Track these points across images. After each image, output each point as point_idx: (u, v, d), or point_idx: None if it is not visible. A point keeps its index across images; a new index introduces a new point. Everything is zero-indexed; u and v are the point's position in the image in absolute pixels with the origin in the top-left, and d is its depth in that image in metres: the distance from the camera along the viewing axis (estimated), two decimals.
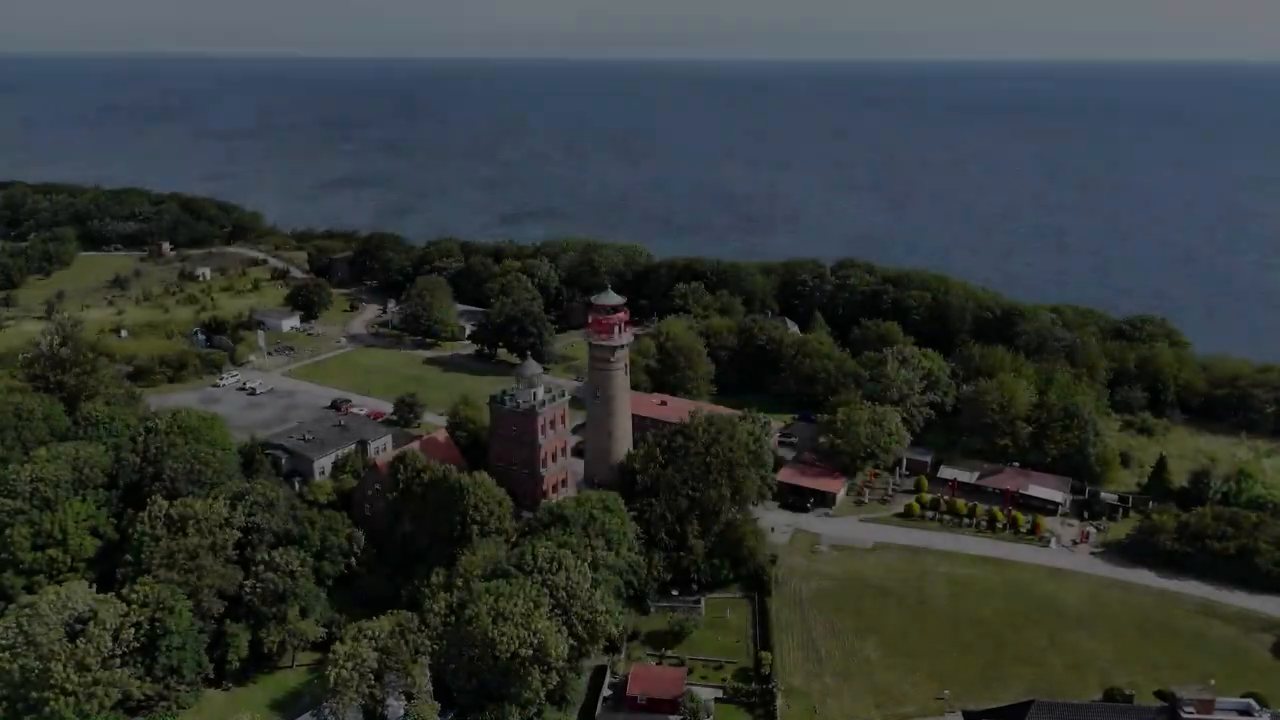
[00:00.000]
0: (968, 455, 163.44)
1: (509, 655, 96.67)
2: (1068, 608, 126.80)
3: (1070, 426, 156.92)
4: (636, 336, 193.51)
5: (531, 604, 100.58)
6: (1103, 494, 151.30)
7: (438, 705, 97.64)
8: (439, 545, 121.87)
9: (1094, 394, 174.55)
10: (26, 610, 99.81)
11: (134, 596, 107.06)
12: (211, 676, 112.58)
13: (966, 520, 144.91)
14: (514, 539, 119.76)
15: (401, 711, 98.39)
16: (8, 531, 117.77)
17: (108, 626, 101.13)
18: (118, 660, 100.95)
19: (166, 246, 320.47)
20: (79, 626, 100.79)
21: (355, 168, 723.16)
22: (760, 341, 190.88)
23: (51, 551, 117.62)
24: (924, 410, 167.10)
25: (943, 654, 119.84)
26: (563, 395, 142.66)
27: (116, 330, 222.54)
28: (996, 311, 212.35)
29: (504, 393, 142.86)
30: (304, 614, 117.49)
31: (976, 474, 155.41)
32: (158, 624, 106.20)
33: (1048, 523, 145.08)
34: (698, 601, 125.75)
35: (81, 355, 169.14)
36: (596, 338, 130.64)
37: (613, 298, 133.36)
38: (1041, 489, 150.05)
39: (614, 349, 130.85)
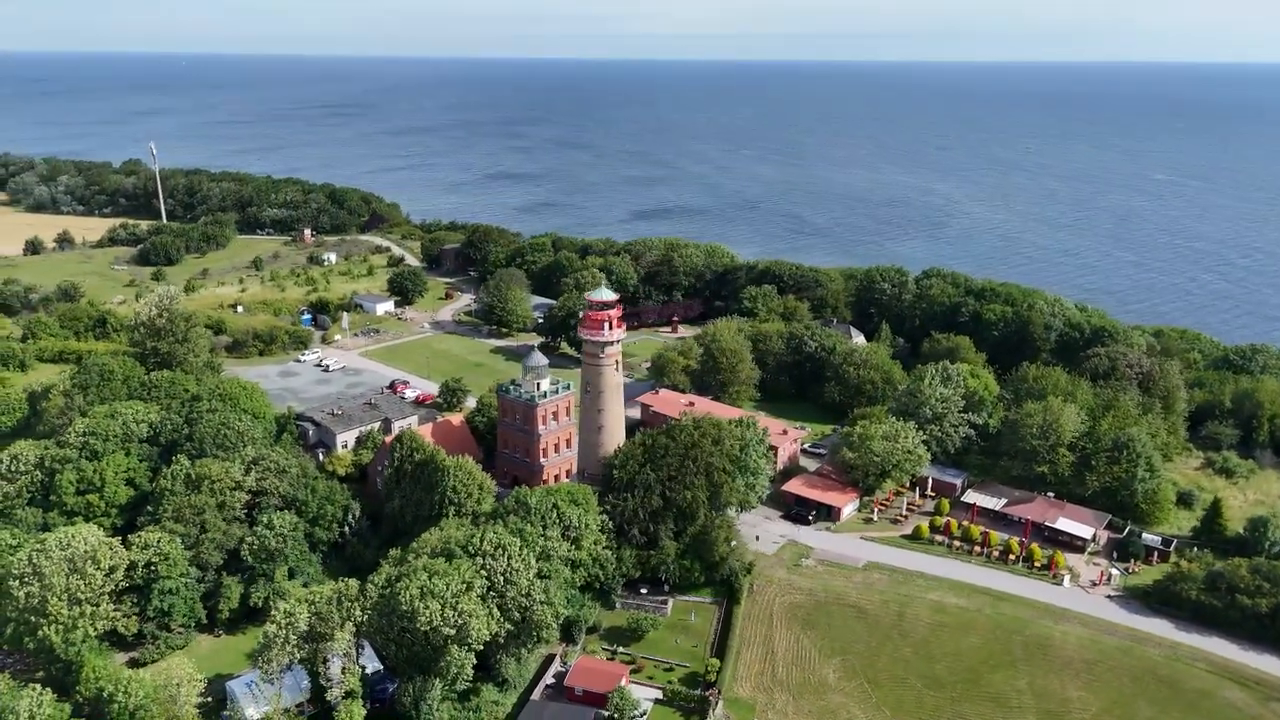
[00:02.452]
0: (1006, 481, 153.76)
1: (430, 630, 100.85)
2: (1060, 652, 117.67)
3: (1119, 459, 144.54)
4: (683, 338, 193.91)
5: (464, 585, 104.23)
6: (1144, 535, 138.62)
7: (359, 670, 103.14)
8: (420, 521, 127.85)
9: (1164, 426, 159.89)
10: (38, 546, 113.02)
11: (136, 543, 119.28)
12: (205, 623, 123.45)
13: (979, 548, 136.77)
14: (479, 522, 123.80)
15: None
16: (57, 477, 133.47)
17: (102, 566, 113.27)
18: (106, 597, 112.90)
19: (308, 232, 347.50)
20: (79, 564, 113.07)
21: (521, 164, 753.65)
22: (809, 349, 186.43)
23: (90, 497, 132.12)
24: (962, 430, 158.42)
25: (906, 684, 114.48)
26: (567, 388, 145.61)
27: (234, 306, 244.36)
28: (1085, 330, 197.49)
29: (513, 382, 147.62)
30: (292, 575, 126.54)
31: (1003, 501, 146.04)
32: (152, 570, 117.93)
33: (1070, 560, 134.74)
34: (664, 602, 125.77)
35: (176, 326, 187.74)
36: (588, 333, 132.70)
37: (606, 294, 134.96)
38: (1071, 523, 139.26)
39: (604, 344, 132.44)
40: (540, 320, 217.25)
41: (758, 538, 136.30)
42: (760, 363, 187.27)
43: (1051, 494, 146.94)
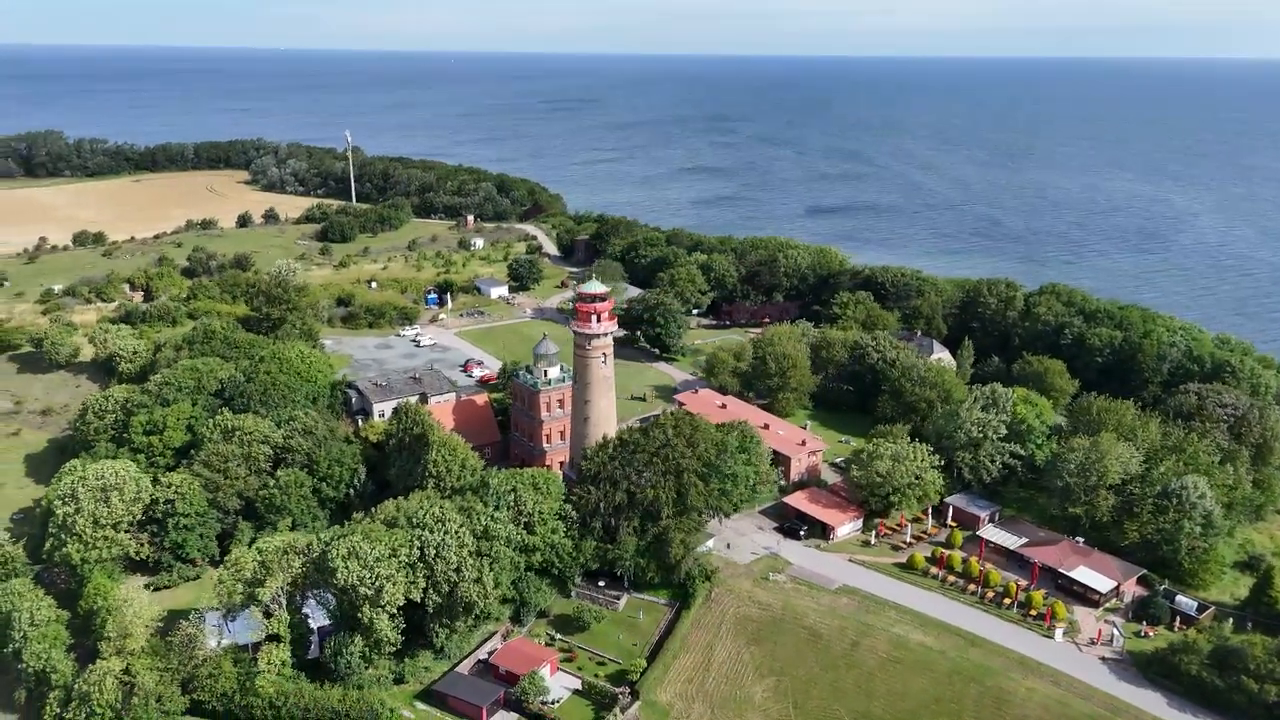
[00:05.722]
0: (1042, 520, 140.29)
1: (350, 588, 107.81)
2: (1018, 709, 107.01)
3: (1166, 509, 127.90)
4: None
5: (389, 551, 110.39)
6: (1179, 597, 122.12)
7: (286, 617, 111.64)
8: (408, 491, 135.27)
9: (1250, 478, 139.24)
10: (80, 474, 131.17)
11: (163, 481, 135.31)
12: (219, 559, 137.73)
13: (973, 586, 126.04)
14: (451, 496, 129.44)
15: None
16: (132, 419, 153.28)
17: (125, 497, 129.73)
18: (125, 525, 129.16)
19: (470, 218, 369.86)
20: (108, 493, 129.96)
21: (719, 159, 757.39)
22: (872, 360, 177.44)
23: (152, 438, 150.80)
24: (1001, 460, 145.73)
25: (834, 717, 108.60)
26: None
27: (369, 282, 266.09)
28: (1205, 364, 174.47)
29: (526, 367, 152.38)
30: (295, 526, 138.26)
31: (1023, 540, 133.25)
32: (171, 507, 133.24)
33: (1079, 613, 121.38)
34: (618, 597, 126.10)
35: (288, 295, 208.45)
36: (577, 325, 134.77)
37: (596, 287, 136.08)
38: (1090, 573, 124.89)
39: (591, 337, 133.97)
40: (621, 312, 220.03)
41: (729, 545, 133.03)
42: (821, 371, 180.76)
43: (1081, 539, 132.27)
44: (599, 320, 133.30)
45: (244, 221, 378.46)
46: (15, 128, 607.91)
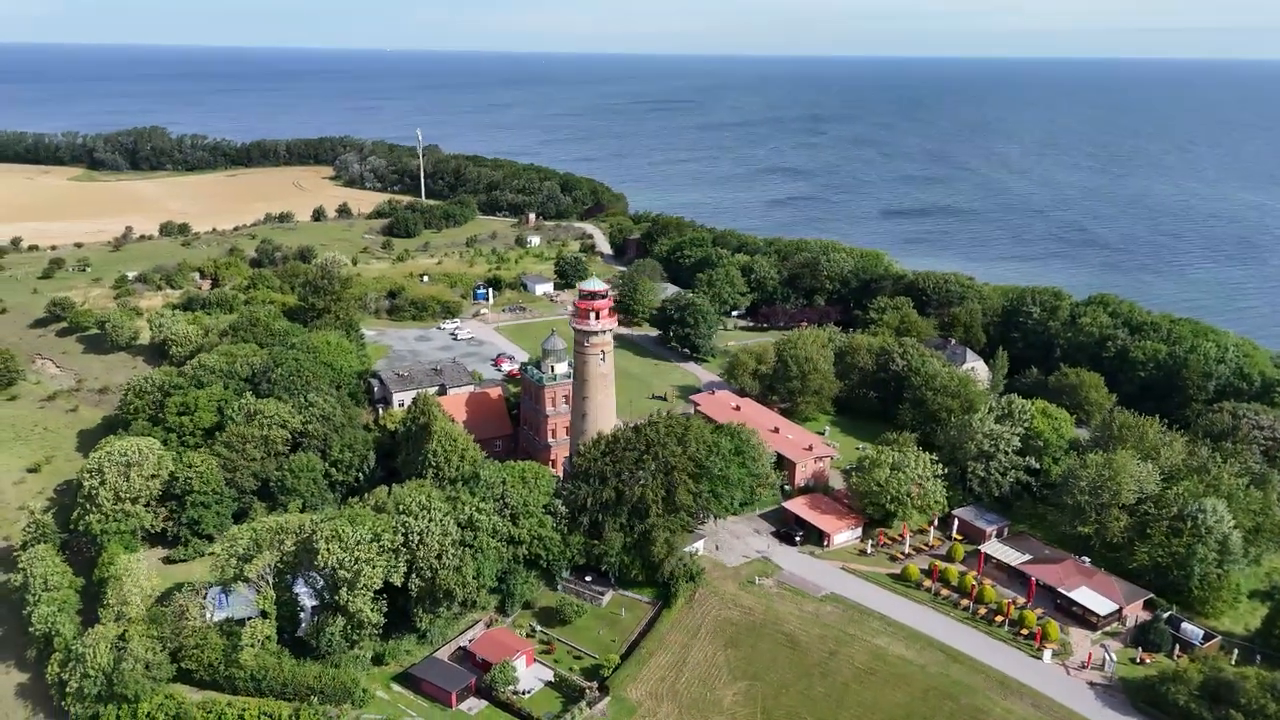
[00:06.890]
0: (1052, 538, 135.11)
1: (330, 570, 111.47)
2: None
3: (1180, 531, 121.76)
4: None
5: (371, 536, 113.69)
6: (1185, 625, 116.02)
7: (271, 595, 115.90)
8: (411, 478, 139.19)
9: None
10: (108, 450, 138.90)
11: (184, 459, 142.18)
12: None
13: (965, 601, 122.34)
14: (446, 486, 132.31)
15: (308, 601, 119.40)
16: (168, 399, 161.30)
17: (144, 473, 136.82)
18: (144, 499, 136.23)
19: (532, 216, 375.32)
20: (129, 469, 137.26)
21: (803, 160, 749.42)
22: (897, 367, 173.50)
23: (184, 418, 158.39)
24: (1014, 473, 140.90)
25: None
26: None
27: (421, 276, 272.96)
28: (1254, 383, 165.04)
29: (536, 362, 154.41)
30: (305, 508, 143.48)
31: (1026, 558, 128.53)
32: (189, 484, 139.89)
33: (1075, 635, 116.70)
34: (603, 592, 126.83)
35: (333, 286, 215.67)
36: (577, 323, 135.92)
37: (596, 285, 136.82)
38: (1091, 594, 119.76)
39: (589, 334, 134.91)
40: (655, 312, 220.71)
41: (717, 547, 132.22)
42: (846, 376, 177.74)
43: (1088, 559, 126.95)
44: (598, 318, 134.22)
45: (318, 216, 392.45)
46: (161, 121, 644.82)
